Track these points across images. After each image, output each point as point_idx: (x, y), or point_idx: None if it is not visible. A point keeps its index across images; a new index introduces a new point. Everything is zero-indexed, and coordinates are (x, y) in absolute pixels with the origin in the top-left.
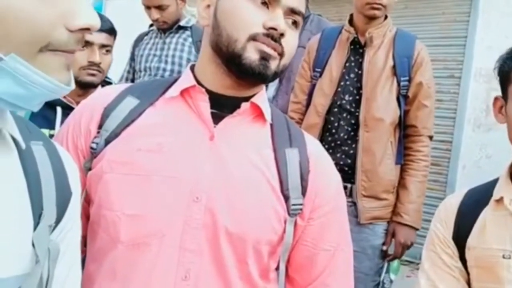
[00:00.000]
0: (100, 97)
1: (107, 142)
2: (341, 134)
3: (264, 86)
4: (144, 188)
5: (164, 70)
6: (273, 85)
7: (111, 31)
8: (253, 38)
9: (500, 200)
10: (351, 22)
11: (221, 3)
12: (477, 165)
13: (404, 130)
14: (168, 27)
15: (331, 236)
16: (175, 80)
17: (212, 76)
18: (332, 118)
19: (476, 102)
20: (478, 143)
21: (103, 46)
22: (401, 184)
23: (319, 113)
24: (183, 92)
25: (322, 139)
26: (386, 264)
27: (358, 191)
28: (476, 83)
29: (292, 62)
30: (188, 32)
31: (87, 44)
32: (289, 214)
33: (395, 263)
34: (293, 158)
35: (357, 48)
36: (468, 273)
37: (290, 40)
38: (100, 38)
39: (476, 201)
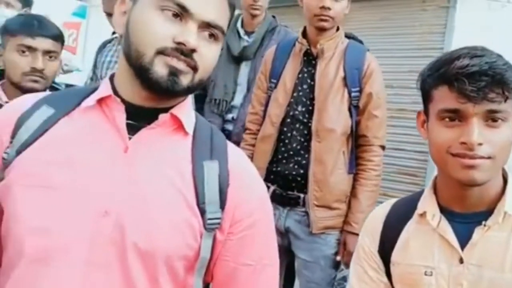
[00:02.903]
0: (15, 105)
1: (18, 152)
2: (294, 145)
3: (190, 96)
4: (51, 201)
5: None
6: (241, 92)
7: (57, 37)
8: (161, 52)
9: (423, 214)
10: (304, 34)
11: (132, 13)
12: None
13: (356, 140)
14: None
15: (253, 250)
16: (95, 89)
17: (129, 87)
18: (285, 129)
19: None
20: None
21: (47, 52)
22: (352, 193)
23: (274, 124)
24: (100, 102)
25: (276, 150)
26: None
27: (310, 201)
28: None
29: None
30: None
31: (30, 49)
32: (205, 228)
33: None
34: (211, 171)
35: (310, 60)
36: None
37: (205, 54)
38: (44, 44)
39: (402, 214)
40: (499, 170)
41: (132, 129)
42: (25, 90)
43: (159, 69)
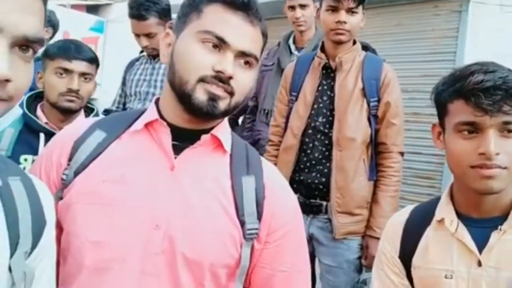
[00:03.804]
0: (70, 131)
1: (76, 173)
2: (315, 154)
3: (226, 117)
4: (107, 216)
5: (153, 94)
6: None
7: (92, 60)
8: (202, 79)
9: (441, 221)
10: (322, 48)
11: (177, 45)
12: None
13: (376, 148)
14: (157, 53)
15: (286, 257)
16: (142, 113)
17: (173, 111)
18: (307, 139)
19: None
20: None
21: (82, 74)
22: (374, 199)
23: (295, 135)
24: (147, 125)
25: (298, 160)
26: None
27: (333, 207)
28: None
29: None
30: None
31: (67, 71)
32: (245, 238)
33: None
34: (249, 185)
35: (329, 73)
36: None
37: (241, 80)
38: (80, 66)
39: (421, 220)
40: None
41: (177, 149)
42: (62, 110)
43: (200, 95)
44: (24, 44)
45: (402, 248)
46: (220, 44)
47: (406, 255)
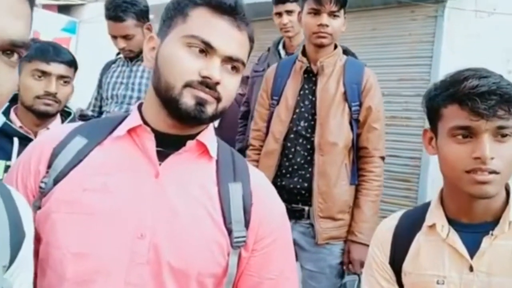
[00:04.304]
0: (50, 137)
1: (56, 181)
2: (297, 159)
3: (211, 123)
4: (89, 226)
5: (131, 97)
6: None
7: (71, 63)
8: (188, 85)
9: (432, 226)
10: (304, 52)
11: (161, 49)
12: None
13: (357, 152)
14: (135, 56)
15: (274, 265)
16: (124, 119)
17: (157, 116)
18: (289, 144)
19: None
20: None
21: (61, 77)
22: (355, 203)
23: (277, 140)
24: (130, 131)
25: (280, 164)
26: (356, 282)
27: (315, 212)
28: None
29: None
30: None
31: (45, 74)
32: (232, 246)
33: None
34: (236, 192)
35: (310, 77)
36: None
37: (228, 85)
38: (58, 69)
39: (410, 225)
40: (504, 183)
41: (161, 156)
42: (38, 113)
43: (188, 100)
44: (9, 49)
45: (392, 254)
46: (206, 49)
47: (396, 261)
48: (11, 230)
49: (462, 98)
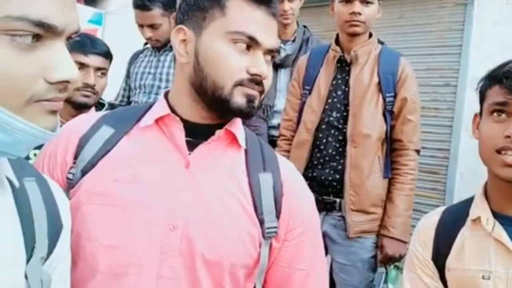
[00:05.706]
0: (75, 126)
1: (84, 172)
2: (329, 150)
3: None
4: (121, 218)
5: (159, 87)
6: (282, 98)
7: (107, 55)
8: (239, 84)
9: (476, 220)
10: (337, 41)
11: (202, 46)
12: (474, 173)
13: (391, 145)
14: (162, 45)
15: (305, 256)
16: (150, 107)
17: (188, 107)
18: (320, 135)
19: (473, 109)
20: (475, 150)
21: (98, 69)
22: (389, 197)
23: (309, 130)
24: (158, 120)
25: (311, 156)
26: (384, 275)
27: (346, 205)
28: (472, 91)
29: None
30: None
31: (83, 66)
32: (264, 237)
33: (393, 272)
34: (266, 182)
35: (344, 66)
36: None
37: (269, 77)
38: (96, 61)
39: (453, 221)
40: None
41: (190, 145)
42: (76, 105)
43: (239, 99)
44: (70, 37)
45: (435, 250)
46: (251, 44)
47: (440, 257)
48: (49, 221)
49: (501, 77)
